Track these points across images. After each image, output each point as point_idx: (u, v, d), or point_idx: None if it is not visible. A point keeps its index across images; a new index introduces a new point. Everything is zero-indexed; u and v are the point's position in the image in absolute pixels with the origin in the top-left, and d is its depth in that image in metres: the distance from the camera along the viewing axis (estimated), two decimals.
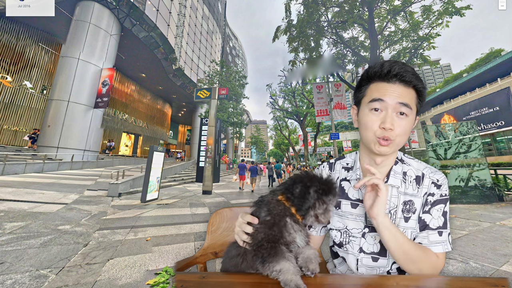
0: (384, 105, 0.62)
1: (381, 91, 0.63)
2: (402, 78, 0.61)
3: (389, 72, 0.62)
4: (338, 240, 0.73)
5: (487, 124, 23.92)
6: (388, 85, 0.63)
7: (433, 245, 0.63)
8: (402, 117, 0.61)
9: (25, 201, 4.63)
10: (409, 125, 0.62)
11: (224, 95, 8.85)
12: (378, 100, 0.63)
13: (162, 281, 1.97)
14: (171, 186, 9.84)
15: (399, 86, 0.62)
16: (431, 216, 0.65)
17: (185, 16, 24.02)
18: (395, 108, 0.61)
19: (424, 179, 0.67)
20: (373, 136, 0.64)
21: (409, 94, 0.62)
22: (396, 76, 0.61)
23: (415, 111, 0.63)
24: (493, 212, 4.53)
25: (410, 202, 0.66)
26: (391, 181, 0.67)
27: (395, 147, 0.63)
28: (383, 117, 0.62)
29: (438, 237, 0.63)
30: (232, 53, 53.99)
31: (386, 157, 0.68)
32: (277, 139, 47.52)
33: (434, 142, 6.47)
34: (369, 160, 0.71)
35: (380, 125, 0.62)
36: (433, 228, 0.64)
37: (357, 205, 0.70)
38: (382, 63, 0.64)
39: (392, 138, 0.61)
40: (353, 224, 0.70)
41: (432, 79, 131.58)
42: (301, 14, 10.89)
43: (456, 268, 2.23)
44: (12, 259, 2.26)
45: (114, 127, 21.60)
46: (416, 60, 10.16)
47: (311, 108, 24.30)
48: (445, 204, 0.65)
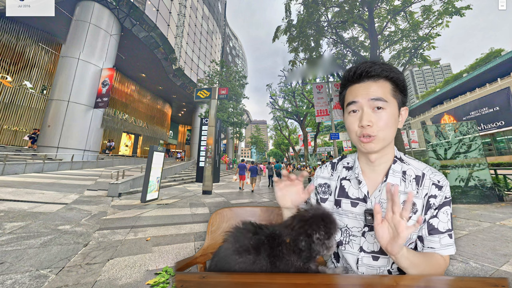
0: (358, 105, 0.65)
1: (353, 93, 0.66)
2: (369, 74, 0.64)
3: (355, 73, 0.65)
4: (338, 239, 0.73)
5: (487, 124, 23.93)
6: (358, 86, 0.66)
7: (444, 248, 0.63)
8: (379, 111, 0.63)
9: (25, 201, 4.63)
10: (389, 117, 0.63)
11: (224, 95, 8.85)
12: (353, 103, 0.66)
13: (162, 281, 1.97)
14: (171, 186, 9.84)
15: (369, 83, 0.64)
16: (438, 219, 0.65)
17: (185, 16, 24.03)
18: (370, 105, 0.63)
19: (425, 180, 0.67)
20: (355, 136, 0.67)
21: (381, 87, 0.63)
22: (362, 74, 0.64)
23: (393, 101, 0.64)
24: (493, 212, 4.53)
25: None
26: (390, 180, 0.67)
27: (381, 142, 0.64)
28: (359, 116, 0.64)
29: (449, 239, 0.64)
30: (232, 53, 53.99)
31: (380, 154, 0.68)
32: (277, 139, 47.56)
33: (434, 142, 6.46)
34: (365, 159, 0.72)
35: (358, 124, 0.65)
36: (443, 232, 0.64)
37: (357, 203, 0.70)
38: (351, 67, 0.68)
39: (373, 133, 0.62)
40: (353, 223, 0.70)
41: (432, 79, 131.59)
42: (301, 14, 10.89)
43: (456, 268, 2.23)
44: (12, 259, 2.26)
45: (114, 127, 21.60)
46: (416, 60, 10.16)
47: (311, 108, 24.32)
48: (449, 206, 0.66)
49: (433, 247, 0.64)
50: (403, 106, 0.68)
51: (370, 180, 0.71)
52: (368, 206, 0.68)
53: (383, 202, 0.67)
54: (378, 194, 0.68)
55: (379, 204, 0.65)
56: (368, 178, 0.71)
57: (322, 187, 0.81)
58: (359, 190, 0.71)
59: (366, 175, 0.72)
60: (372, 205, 0.68)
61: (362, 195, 0.70)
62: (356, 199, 0.71)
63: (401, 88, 0.65)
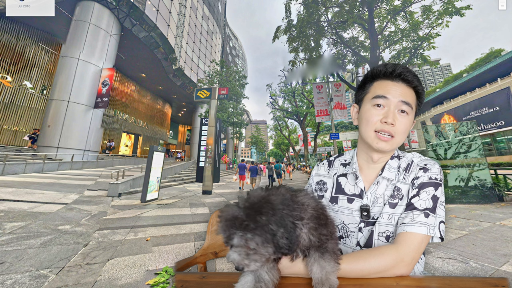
0: (387, 102, 0.64)
1: (384, 88, 0.65)
2: (405, 78, 0.64)
3: (394, 71, 0.65)
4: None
5: (487, 124, 23.92)
6: (391, 83, 0.65)
7: (414, 225, 0.57)
8: (403, 115, 0.64)
9: (25, 201, 4.63)
10: (409, 124, 0.64)
11: (224, 95, 8.85)
12: (382, 97, 0.65)
13: (162, 281, 1.97)
14: (171, 186, 9.84)
15: (402, 85, 0.65)
16: (419, 198, 0.61)
17: (185, 16, 24.02)
18: (397, 105, 0.63)
19: (412, 166, 0.67)
20: (371, 131, 0.66)
21: (410, 94, 0.65)
22: (399, 75, 0.64)
23: (415, 111, 0.66)
24: (493, 212, 4.53)
25: (395, 188, 0.66)
26: (385, 174, 0.68)
27: (395, 145, 0.64)
28: (385, 112, 0.64)
29: (424, 218, 0.58)
30: (232, 53, 53.98)
31: (384, 154, 0.69)
32: (277, 139, 47.59)
33: (434, 142, 6.46)
34: (366, 157, 0.72)
35: (382, 119, 0.64)
36: (419, 209, 0.59)
37: (353, 199, 0.71)
38: (386, 63, 0.68)
39: (393, 133, 0.63)
40: (349, 219, 0.71)
41: (432, 79, 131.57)
42: (301, 14, 10.90)
43: (456, 268, 2.23)
44: (12, 259, 2.26)
45: (114, 127, 21.60)
46: (416, 60, 10.16)
47: (311, 108, 24.33)
48: (435, 188, 0.61)
49: (404, 223, 0.59)
50: (415, 118, 0.70)
51: (366, 176, 0.72)
52: (364, 202, 0.68)
53: (378, 197, 0.67)
54: (374, 189, 0.68)
55: (375, 199, 0.67)
56: (364, 174, 0.73)
57: (319, 184, 0.81)
58: (356, 186, 0.71)
59: (363, 171, 0.73)
60: (368, 201, 0.68)
61: (358, 191, 0.70)
62: (352, 195, 0.72)
63: (420, 101, 0.67)
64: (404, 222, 0.59)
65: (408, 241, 0.56)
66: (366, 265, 0.53)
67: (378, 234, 0.65)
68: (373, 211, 0.67)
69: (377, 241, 0.65)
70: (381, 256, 0.54)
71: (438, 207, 0.60)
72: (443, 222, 0.60)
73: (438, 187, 0.61)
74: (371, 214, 0.67)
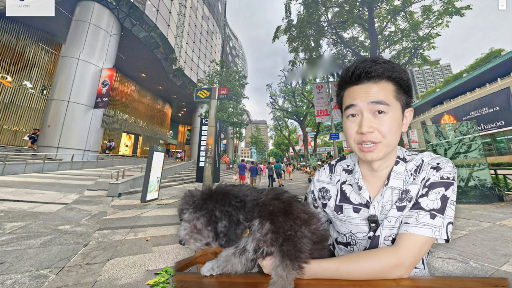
0: (357, 109, 0.58)
1: (351, 95, 0.60)
2: (369, 75, 0.57)
3: (353, 73, 0.59)
4: (345, 241, 0.71)
5: (487, 124, 23.91)
6: (357, 88, 0.59)
7: (418, 226, 0.54)
8: (381, 115, 0.56)
9: (25, 201, 4.63)
10: (392, 121, 0.57)
11: (224, 95, 8.86)
12: (351, 106, 0.59)
13: (162, 281, 1.97)
14: (171, 186, 9.83)
15: (369, 85, 0.58)
16: (427, 198, 0.57)
17: (185, 16, 24.02)
18: (370, 109, 0.57)
19: (423, 166, 0.62)
20: (354, 143, 0.61)
21: (382, 89, 0.57)
22: (361, 75, 0.58)
23: (396, 104, 0.58)
24: (493, 212, 4.53)
25: (404, 191, 0.61)
26: (392, 183, 0.62)
27: (384, 149, 0.58)
28: (359, 121, 0.58)
29: (429, 219, 0.54)
30: (232, 53, 53.98)
31: (383, 160, 0.63)
32: (277, 139, 47.60)
33: (434, 142, 6.46)
34: (367, 165, 0.67)
35: (357, 130, 0.59)
36: (425, 210, 0.56)
37: (359, 209, 0.66)
38: (349, 66, 0.61)
39: (375, 140, 0.57)
40: (357, 229, 0.67)
41: (432, 79, 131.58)
42: (301, 14, 10.90)
43: (456, 268, 2.23)
44: (12, 259, 2.26)
45: (114, 127, 21.60)
46: (416, 60, 10.18)
47: (311, 108, 24.34)
48: (445, 187, 0.56)
49: (408, 223, 0.56)
50: (408, 108, 0.62)
51: (371, 184, 0.67)
52: (371, 212, 0.64)
53: (386, 204, 0.62)
54: (380, 199, 0.63)
55: (382, 207, 0.63)
56: (369, 182, 0.67)
57: (321, 192, 0.76)
58: (361, 196, 0.67)
59: (367, 179, 0.67)
60: (375, 211, 0.64)
61: (364, 201, 0.66)
62: (358, 205, 0.67)
63: (405, 89, 0.59)
64: (408, 222, 0.56)
65: (410, 244, 0.53)
66: (359, 267, 0.51)
67: (384, 238, 0.61)
68: (381, 219, 0.63)
69: (383, 245, 0.61)
70: (377, 258, 0.52)
71: (448, 207, 0.56)
72: (451, 223, 0.56)
73: (450, 186, 0.57)
74: (379, 223, 0.63)
